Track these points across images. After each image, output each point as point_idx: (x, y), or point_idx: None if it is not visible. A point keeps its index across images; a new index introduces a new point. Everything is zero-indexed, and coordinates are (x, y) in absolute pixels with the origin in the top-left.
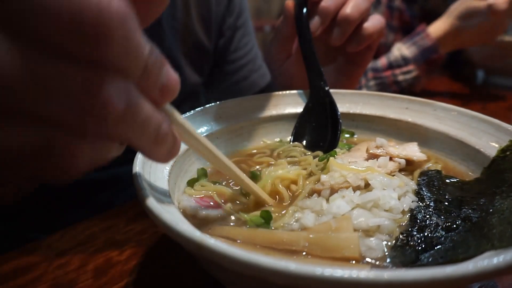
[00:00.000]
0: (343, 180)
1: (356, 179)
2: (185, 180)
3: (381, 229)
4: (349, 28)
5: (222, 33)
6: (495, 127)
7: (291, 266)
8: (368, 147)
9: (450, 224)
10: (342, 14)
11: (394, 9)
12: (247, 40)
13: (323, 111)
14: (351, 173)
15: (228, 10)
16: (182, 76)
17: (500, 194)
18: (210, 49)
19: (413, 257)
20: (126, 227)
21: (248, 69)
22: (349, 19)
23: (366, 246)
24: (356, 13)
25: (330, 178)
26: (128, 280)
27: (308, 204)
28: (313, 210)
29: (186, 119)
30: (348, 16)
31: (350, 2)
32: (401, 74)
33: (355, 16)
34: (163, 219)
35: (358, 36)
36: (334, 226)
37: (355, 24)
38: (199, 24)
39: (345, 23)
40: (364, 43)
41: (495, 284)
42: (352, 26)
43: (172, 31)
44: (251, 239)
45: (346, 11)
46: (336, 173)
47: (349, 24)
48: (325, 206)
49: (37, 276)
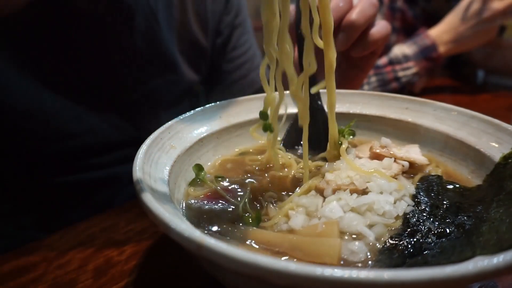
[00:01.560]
0: (349, 181)
1: (362, 182)
2: (185, 180)
3: (370, 232)
4: (354, 34)
5: (219, 31)
6: (495, 127)
7: (291, 266)
8: (372, 146)
9: (443, 230)
10: (348, 20)
11: (396, 10)
12: (245, 39)
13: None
14: (358, 175)
15: (226, 8)
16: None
17: (497, 202)
18: (208, 47)
19: (398, 261)
20: (126, 227)
21: (247, 67)
22: (355, 25)
23: (349, 250)
24: (362, 19)
25: (336, 177)
26: (128, 280)
27: (304, 202)
28: (307, 210)
29: (186, 119)
30: (354, 22)
31: (356, 8)
32: (401, 70)
33: (360, 22)
34: (163, 218)
35: (364, 41)
36: (319, 230)
37: (360, 30)
38: (195, 22)
39: (350, 29)
40: (369, 49)
41: (495, 284)
42: (358, 32)
43: (169, 29)
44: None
45: (352, 17)
46: (343, 173)
47: (354, 30)
48: (320, 208)
49: (37, 276)
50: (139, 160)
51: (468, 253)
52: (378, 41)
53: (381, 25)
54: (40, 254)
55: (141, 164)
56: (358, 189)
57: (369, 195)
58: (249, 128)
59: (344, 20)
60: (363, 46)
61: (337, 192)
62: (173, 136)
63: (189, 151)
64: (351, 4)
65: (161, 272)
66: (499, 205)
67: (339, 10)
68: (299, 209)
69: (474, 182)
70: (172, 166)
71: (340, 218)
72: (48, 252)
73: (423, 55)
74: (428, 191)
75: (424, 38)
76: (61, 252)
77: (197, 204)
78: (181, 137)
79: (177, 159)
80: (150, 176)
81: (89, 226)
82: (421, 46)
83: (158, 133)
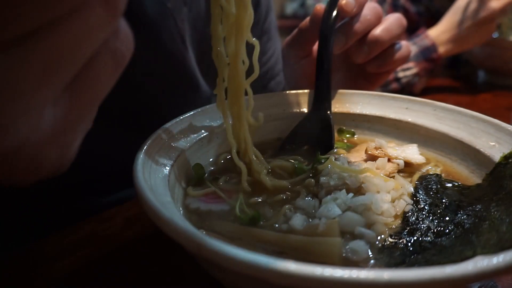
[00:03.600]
0: (342, 182)
1: (355, 181)
2: (185, 180)
3: (369, 232)
4: (376, 50)
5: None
6: (495, 127)
7: (291, 266)
8: (367, 148)
9: (442, 229)
10: (373, 35)
11: (399, 7)
12: (270, 46)
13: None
14: (349, 175)
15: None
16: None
17: (497, 202)
18: None
19: (398, 260)
20: (126, 227)
21: (267, 77)
22: (379, 42)
23: (350, 249)
24: (387, 36)
25: (328, 179)
26: (128, 280)
27: (301, 204)
28: (305, 212)
29: (186, 119)
30: (378, 39)
31: (383, 24)
32: (402, 70)
33: (385, 39)
34: (163, 218)
35: (382, 59)
36: (320, 230)
37: (383, 47)
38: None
39: (373, 44)
40: (386, 67)
41: (495, 284)
42: (380, 49)
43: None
44: (242, 236)
45: (377, 33)
46: (334, 174)
47: (377, 46)
48: (317, 209)
49: (37, 276)
50: (139, 160)
51: (468, 252)
52: (396, 62)
53: (404, 48)
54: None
55: (141, 164)
56: (352, 188)
57: (367, 194)
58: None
59: (370, 34)
60: (380, 63)
61: (333, 193)
62: (173, 136)
63: (189, 151)
64: (379, 19)
65: (161, 272)
66: (499, 204)
67: (366, 22)
68: (297, 211)
69: (474, 181)
70: (172, 166)
71: (339, 217)
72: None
73: (424, 55)
74: (427, 189)
75: (424, 39)
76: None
77: (197, 204)
78: (181, 137)
79: (177, 159)
80: (150, 176)
81: (89, 226)
82: (421, 46)
83: (158, 133)
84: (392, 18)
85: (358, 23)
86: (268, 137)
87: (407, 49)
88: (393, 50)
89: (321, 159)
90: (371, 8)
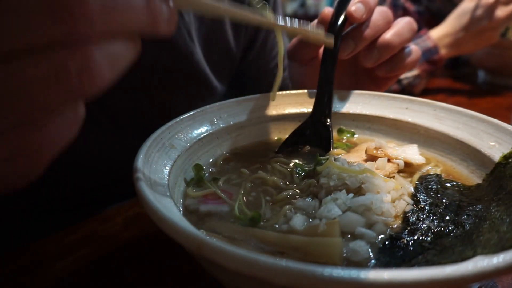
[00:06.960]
0: (342, 182)
1: (355, 182)
2: (185, 180)
3: (370, 232)
4: (386, 54)
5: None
6: (495, 127)
7: (291, 266)
8: (367, 149)
9: (442, 229)
10: (384, 39)
11: (399, 7)
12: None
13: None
14: (348, 175)
15: None
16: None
17: (497, 202)
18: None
19: (399, 260)
20: (126, 227)
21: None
22: (389, 46)
23: (350, 249)
24: (398, 41)
25: (328, 180)
26: (128, 279)
27: (302, 204)
28: (306, 212)
29: (186, 119)
30: (389, 43)
31: (393, 28)
32: None
33: (395, 44)
34: (163, 218)
35: (392, 63)
36: (321, 230)
37: (393, 52)
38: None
39: (384, 49)
40: (395, 72)
41: (495, 284)
42: (390, 53)
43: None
44: (242, 237)
45: (388, 37)
46: (334, 175)
47: (387, 51)
48: (317, 209)
49: (37, 276)
50: (139, 160)
51: (469, 252)
52: (405, 67)
53: (413, 52)
54: (40, 254)
55: (141, 164)
56: (352, 188)
57: (367, 195)
58: (249, 128)
59: (380, 39)
60: (390, 67)
61: (333, 193)
62: (173, 136)
63: (189, 151)
64: (389, 23)
65: (161, 272)
66: (499, 204)
67: (376, 28)
68: (298, 211)
69: (474, 181)
70: (172, 166)
71: (339, 217)
72: (48, 252)
73: (425, 57)
74: (427, 189)
75: (426, 40)
76: (61, 253)
77: (197, 204)
78: (181, 137)
79: (177, 159)
80: (150, 176)
81: (89, 226)
82: (423, 48)
83: (158, 133)
84: (403, 22)
85: (368, 28)
86: (268, 137)
87: (417, 53)
88: (403, 54)
89: (320, 160)
90: (381, 12)
